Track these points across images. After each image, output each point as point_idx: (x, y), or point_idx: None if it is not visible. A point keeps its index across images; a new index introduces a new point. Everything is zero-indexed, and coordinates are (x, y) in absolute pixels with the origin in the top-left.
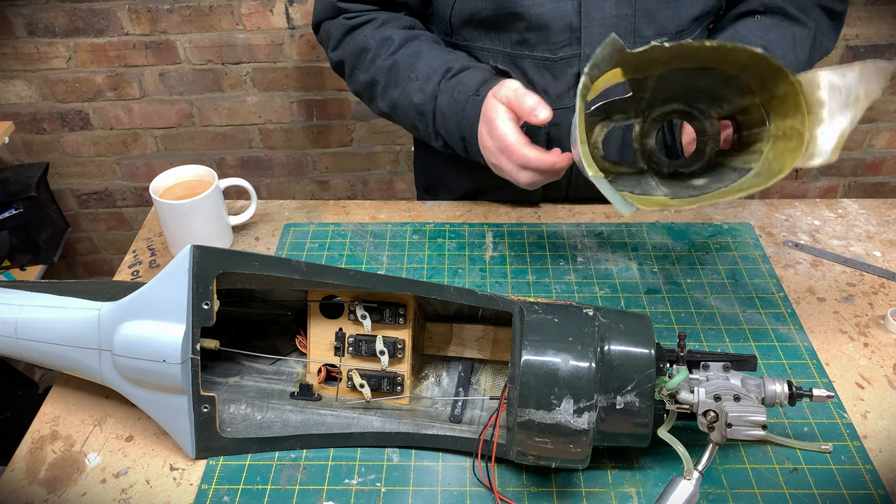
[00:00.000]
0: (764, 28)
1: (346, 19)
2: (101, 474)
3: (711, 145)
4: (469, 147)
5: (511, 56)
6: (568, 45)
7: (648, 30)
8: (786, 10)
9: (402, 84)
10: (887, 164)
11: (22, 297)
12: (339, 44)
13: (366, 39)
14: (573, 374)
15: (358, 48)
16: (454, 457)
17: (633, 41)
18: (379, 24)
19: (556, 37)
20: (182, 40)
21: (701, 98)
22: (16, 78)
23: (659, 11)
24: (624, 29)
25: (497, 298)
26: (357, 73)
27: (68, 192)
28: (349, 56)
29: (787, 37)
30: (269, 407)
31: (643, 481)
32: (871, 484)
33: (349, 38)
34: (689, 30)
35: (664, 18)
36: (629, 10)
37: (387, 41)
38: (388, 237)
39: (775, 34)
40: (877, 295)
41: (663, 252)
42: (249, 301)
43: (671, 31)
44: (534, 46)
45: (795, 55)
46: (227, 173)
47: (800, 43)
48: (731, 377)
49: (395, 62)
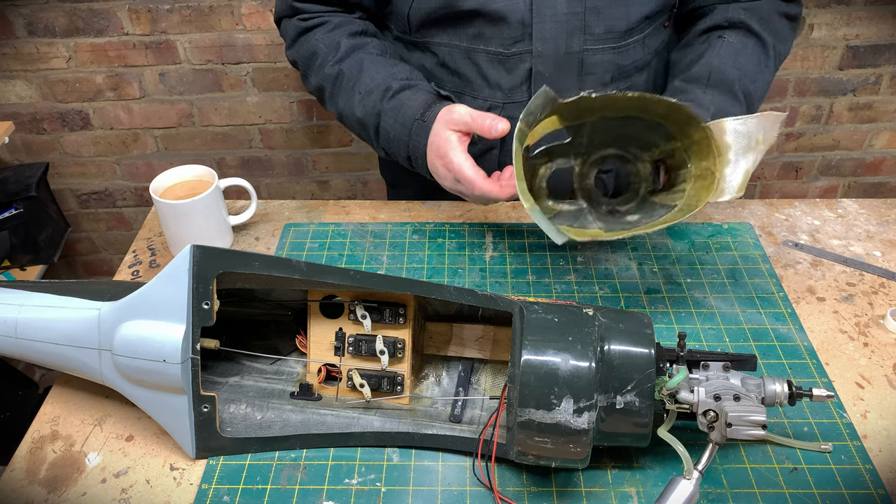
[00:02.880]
0: (733, 54)
1: (300, 20)
2: (102, 474)
3: (644, 186)
4: (414, 163)
5: (467, 50)
6: (520, 41)
7: (598, 27)
8: (748, 25)
9: (346, 94)
10: (887, 164)
11: (22, 297)
12: (293, 44)
13: (317, 44)
14: (573, 373)
15: (309, 52)
16: (454, 457)
17: (584, 39)
18: (330, 28)
19: (509, 32)
20: (182, 40)
21: (633, 143)
22: (16, 78)
23: (609, 9)
24: (574, 26)
25: (497, 298)
26: (309, 75)
27: (68, 192)
28: (301, 58)
29: (754, 59)
30: (269, 407)
31: (643, 481)
32: (871, 484)
33: (302, 39)
34: (640, 28)
35: (614, 16)
36: (579, 7)
37: (334, 47)
38: (388, 237)
39: (745, 58)
40: (877, 295)
41: (663, 252)
42: (249, 301)
43: (621, 29)
44: (488, 41)
45: (764, 77)
46: (227, 173)
47: (765, 63)
48: (731, 377)
49: (340, 71)
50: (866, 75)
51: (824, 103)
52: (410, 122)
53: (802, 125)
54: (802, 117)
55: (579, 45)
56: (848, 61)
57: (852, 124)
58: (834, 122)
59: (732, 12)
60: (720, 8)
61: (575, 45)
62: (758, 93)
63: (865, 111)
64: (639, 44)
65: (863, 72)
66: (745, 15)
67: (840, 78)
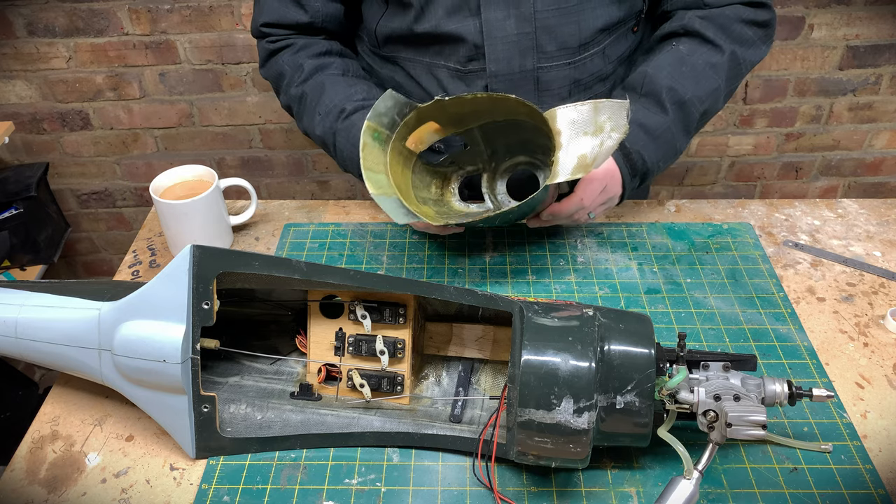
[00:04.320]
0: (673, 62)
1: (268, 42)
2: (102, 474)
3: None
4: None
5: (429, 65)
6: (475, 60)
7: (550, 45)
8: (702, 34)
9: (309, 114)
10: (887, 164)
11: (22, 297)
12: (263, 65)
13: (282, 65)
14: (573, 373)
15: (277, 73)
16: (454, 457)
17: (537, 57)
18: (295, 50)
19: (464, 52)
20: (182, 40)
21: (537, 150)
22: (16, 78)
23: (560, 28)
24: (525, 46)
25: (497, 298)
26: (279, 94)
27: (68, 192)
28: (271, 78)
29: (699, 66)
30: (269, 407)
31: (643, 481)
32: (871, 484)
33: (270, 61)
34: (596, 40)
35: (565, 34)
36: (530, 28)
37: (298, 69)
38: (388, 237)
39: (687, 67)
40: (877, 295)
41: (663, 252)
42: (249, 301)
43: (574, 45)
44: (448, 57)
45: (707, 84)
46: (227, 173)
47: (715, 69)
48: (731, 377)
49: (303, 93)
50: (866, 75)
51: (824, 103)
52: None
53: (802, 125)
54: (802, 117)
55: (532, 63)
56: (848, 61)
57: (852, 124)
58: (834, 122)
59: (688, 20)
60: (679, 14)
61: (528, 64)
62: (696, 100)
63: (865, 111)
64: (598, 55)
65: (863, 72)
66: (699, 24)
67: (840, 78)
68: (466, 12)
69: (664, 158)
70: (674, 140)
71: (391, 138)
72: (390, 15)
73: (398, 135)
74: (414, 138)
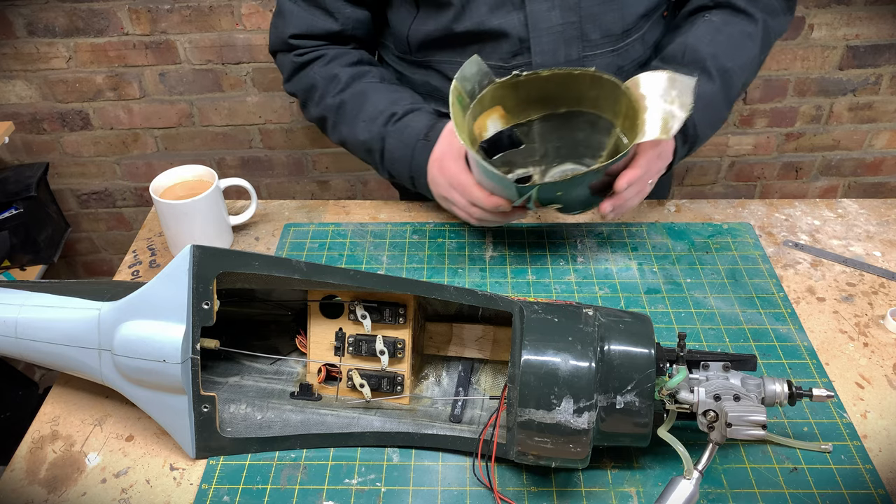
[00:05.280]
0: (711, 32)
1: (296, 56)
2: (102, 474)
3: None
4: (416, 183)
5: None
6: (520, 55)
7: (595, 33)
8: (733, 4)
9: (349, 123)
10: (887, 164)
11: (22, 297)
12: (290, 79)
13: (314, 77)
14: (573, 373)
15: (307, 85)
16: (454, 457)
17: (582, 46)
18: (327, 61)
19: (507, 48)
20: (182, 40)
21: (586, 153)
22: (16, 78)
23: (604, 15)
24: (570, 35)
25: (497, 298)
26: (309, 107)
27: (68, 192)
28: (300, 91)
29: (735, 36)
30: (269, 407)
31: (643, 481)
32: (871, 484)
33: (299, 75)
34: (637, 26)
35: (609, 21)
36: (574, 17)
37: (334, 80)
38: (388, 237)
39: (723, 36)
40: (877, 295)
41: (663, 252)
42: (249, 301)
43: (618, 32)
44: (489, 56)
45: (746, 53)
46: (227, 173)
47: (751, 38)
48: (731, 377)
49: (342, 101)
50: (866, 75)
51: (824, 103)
52: (414, 141)
53: (802, 125)
54: (802, 117)
55: (578, 52)
56: (848, 61)
57: (852, 124)
58: (834, 122)
59: None
60: None
61: (574, 53)
62: (738, 69)
63: (865, 111)
64: (637, 42)
65: (863, 72)
66: None
67: (840, 78)
68: (510, 6)
69: (711, 126)
70: (719, 108)
71: (469, 110)
72: (424, 17)
73: (472, 111)
74: (479, 124)
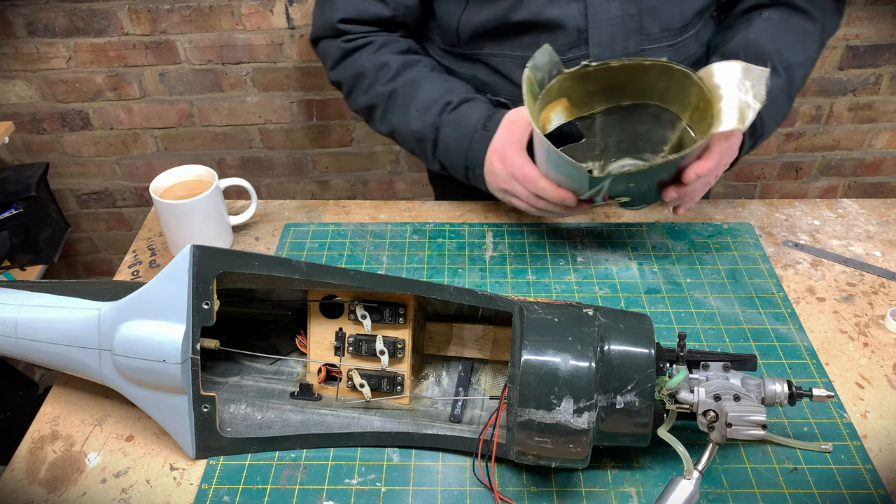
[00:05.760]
0: (771, 28)
1: (344, 42)
2: (102, 474)
3: None
4: (471, 175)
5: (521, 59)
6: (576, 47)
7: (654, 27)
8: (791, 2)
9: (400, 112)
10: (887, 164)
11: (22, 297)
12: (337, 65)
13: (363, 64)
14: (573, 373)
15: (356, 72)
16: (454, 457)
17: (640, 39)
18: (376, 48)
19: (564, 39)
20: (182, 40)
21: (646, 148)
22: (16, 78)
23: (663, 8)
24: (629, 28)
25: (497, 298)
26: (355, 95)
27: (68, 192)
28: (347, 79)
29: (796, 33)
30: (269, 407)
31: (643, 481)
32: (871, 484)
33: (347, 61)
34: (693, 22)
35: (668, 15)
36: (634, 9)
37: (384, 67)
38: (388, 237)
39: (784, 32)
40: (877, 295)
41: (663, 252)
42: (249, 301)
43: (676, 27)
44: None
45: (807, 50)
46: (227, 173)
47: (811, 36)
48: (731, 377)
49: (394, 90)
50: (866, 75)
51: (824, 103)
52: (471, 131)
53: (802, 125)
54: (802, 117)
55: (635, 45)
56: (848, 61)
57: (852, 124)
58: (834, 122)
59: None
60: None
61: (631, 46)
62: (800, 65)
63: (865, 111)
64: (692, 38)
65: (863, 72)
66: None
67: (840, 78)
68: None
69: (775, 121)
70: (782, 104)
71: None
72: (476, 7)
73: (539, 102)
74: (544, 115)
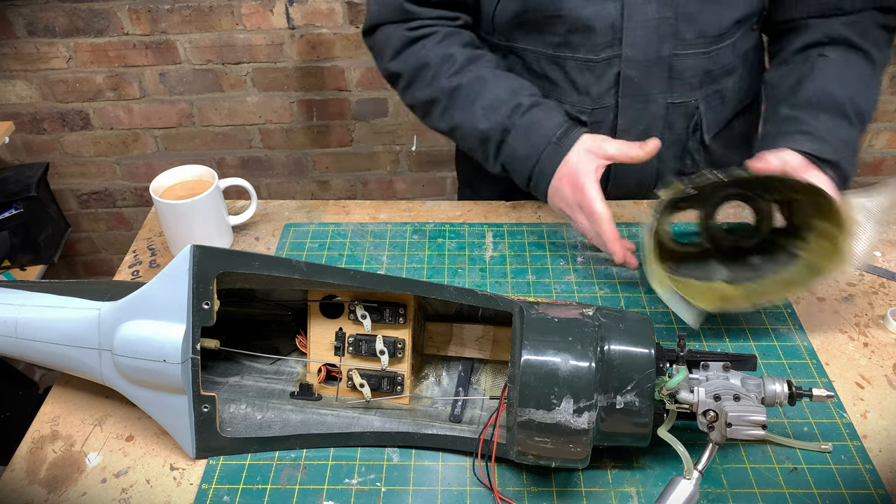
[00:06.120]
0: (838, 73)
1: (407, 30)
2: (102, 474)
3: (766, 223)
4: (533, 186)
5: (553, 57)
6: (609, 47)
7: (689, 32)
8: (850, 40)
9: (465, 108)
10: (887, 164)
11: (22, 297)
12: (398, 55)
13: (427, 55)
14: (573, 373)
15: (418, 63)
16: (454, 456)
17: (674, 43)
18: (441, 38)
19: (598, 38)
20: (182, 40)
21: (755, 185)
22: (16, 78)
23: (700, 14)
24: (665, 31)
25: (497, 298)
26: (415, 87)
27: (68, 192)
28: (408, 70)
29: (863, 77)
30: (269, 407)
31: (643, 481)
32: (871, 484)
33: (409, 50)
34: (730, 32)
35: (705, 21)
36: (670, 12)
37: (449, 59)
38: (388, 237)
39: (851, 76)
40: (877, 295)
41: None
42: (249, 301)
43: (712, 34)
44: (576, 48)
45: (873, 93)
46: (227, 173)
47: (873, 79)
48: (731, 377)
49: (459, 85)
50: None
51: None
52: (543, 143)
53: None
54: None
55: (669, 49)
56: None
57: None
58: None
59: (832, 28)
60: (817, 23)
61: (665, 50)
62: (868, 109)
63: None
64: (729, 48)
65: None
66: (846, 30)
67: None
68: None
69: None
70: (859, 151)
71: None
72: None
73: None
74: None
